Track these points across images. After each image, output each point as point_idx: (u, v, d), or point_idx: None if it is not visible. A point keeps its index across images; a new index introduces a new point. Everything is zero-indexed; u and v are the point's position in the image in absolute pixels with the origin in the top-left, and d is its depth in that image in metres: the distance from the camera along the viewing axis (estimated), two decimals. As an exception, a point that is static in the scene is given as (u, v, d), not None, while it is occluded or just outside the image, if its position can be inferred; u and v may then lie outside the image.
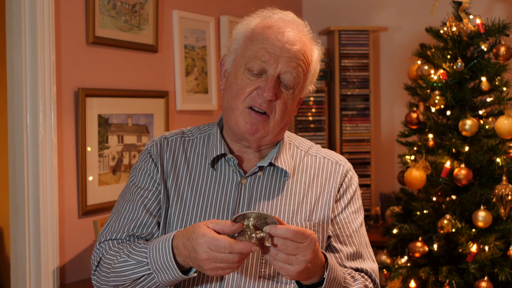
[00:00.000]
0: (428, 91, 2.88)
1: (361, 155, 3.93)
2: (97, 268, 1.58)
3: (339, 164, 1.68)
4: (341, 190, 1.66)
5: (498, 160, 2.75)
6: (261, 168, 1.62)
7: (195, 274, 1.48)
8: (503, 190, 2.65)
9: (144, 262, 1.49)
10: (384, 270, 3.05)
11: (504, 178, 2.68)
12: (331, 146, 3.97)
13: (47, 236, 2.39)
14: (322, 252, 1.49)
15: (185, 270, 1.47)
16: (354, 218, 1.67)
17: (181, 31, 3.08)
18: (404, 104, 3.21)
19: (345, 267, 1.63)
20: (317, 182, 1.65)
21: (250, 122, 1.54)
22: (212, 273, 1.40)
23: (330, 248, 1.65)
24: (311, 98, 3.90)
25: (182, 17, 3.09)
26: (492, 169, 2.78)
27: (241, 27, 1.62)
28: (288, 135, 1.71)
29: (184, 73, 3.10)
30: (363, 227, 1.70)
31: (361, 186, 3.91)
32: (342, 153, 3.90)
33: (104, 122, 2.64)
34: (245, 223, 1.37)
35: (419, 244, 2.80)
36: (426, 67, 2.90)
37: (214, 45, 3.29)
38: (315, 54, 1.62)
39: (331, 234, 1.64)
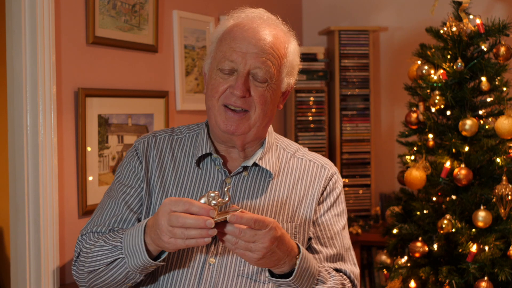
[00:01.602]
0: (428, 91, 2.88)
1: (361, 155, 3.93)
2: (77, 259, 1.62)
3: (324, 167, 1.71)
4: (324, 193, 1.68)
5: (498, 160, 2.75)
6: (245, 168, 1.64)
7: (163, 263, 1.50)
8: (503, 190, 2.65)
9: (118, 247, 1.51)
10: (384, 270, 3.05)
11: (504, 178, 2.68)
12: (331, 146, 3.97)
13: (47, 236, 2.39)
14: (296, 244, 1.52)
15: (155, 257, 1.49)
16: (336, 221, 1.69)
17: (181, 31, 3.08)
18: (404, 104, 3.21)
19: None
20: (301, 184, 1.67)
21: (228, 121, 1.57)
22: (166, 241, 1.40)
23: (310, 249, 1.67)
24: (311, 98, 3.90)
25: (182, 17, 3.09)
26: (492, 169, 2.78)
27: (215, 31, 1.66)
28: (276, 137, 1.73)
29: (184, 73, 3.10)
30: (346, 231, 1.72)
31: (361, 186, 3.92)
32: (342, 153, 3.90)
33: (104, 122, 2.64)
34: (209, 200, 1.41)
35: (419, 244, 2.80)
36: (426, 67, 2.90)
37: (214, 45, 3.29)
38: (291, 47, 1.64)
39: (312, 236, 1.66)
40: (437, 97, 2.83)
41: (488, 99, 2.86)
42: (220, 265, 1.57)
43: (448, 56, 2.87)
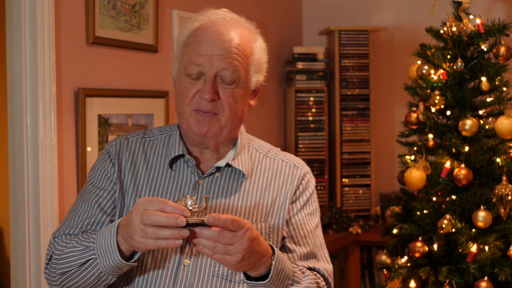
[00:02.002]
0: (428, 91, 2.88)
1: (361, 155, 3.93)
2: (49, 262, 1.61)
3: (297, 167, 1.71)
4: (297, 192, 1.68)
5: (498, 160, 2.75)
6: (218, 169, 1.64)
7: (135, 264, 1.49)
8: (503, 190, 2.65)
9: (91, 247, 1.51)
10: (384, 270, 3.05)
11: (504, 178, 2.68)
12: (331, 146, 3.97)
13: (47, 236, 2.39)
14: (270, 245, 1.52)
15: (127, 258, 1.48)
16: (309, 220, 1.70)
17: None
18: (404, 104, 3.20)
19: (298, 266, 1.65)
20: (274, 184, 1.67)
21: (199, 124, 1.57)
22: (137, 241, 1.39)
23: (284, 249, 1.67)
24: (311, 98, 3.90)
25: (182, 17, 3.09)
26: (492, 169, 2.78)
27: (179, 36, 1.65)
28: (248, 138, 1.74)
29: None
30: (319, 229, 1.73)
31: (361, 186, 3.92)
32: (342, 153, 3.90)
33: (104, 122, 2.64)
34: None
35: (419, 244, 2.80)
36: (426, 67, 2.90)
37: (214, 45, 3.29)
38: (257, 45, 1.63)
39: (285, 235, 1.67)
40: (437, 97, 2.83)
41: (488, 99, 2.86)
42: (195, 266, 1.57)
43: (448, 56, 2.87)
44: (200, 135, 1.58)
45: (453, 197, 2.82)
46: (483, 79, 2.80)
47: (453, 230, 2.72)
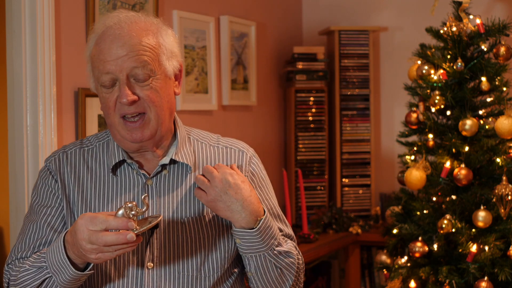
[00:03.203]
0: (428, 91, 2.88)
1: (361, 155, 3.93)
2: None
3: (242, 151, 1.73)
4: (248, 177, 1.69)
5: (498, 160, 2.75)
6: (164, 167, 1.64)
7: (91, 271, 1.49)
8: (503, 190, 2.65)
9: (43, 267, 1.50)
10: (384, 270, 3.05)
11: (504, 178, 2.68)
12: (331, 146, 3.97)
13: (47, 236, 2.39)
14: (264, 210, 1.59)
15: (83, 268, 1.48)
16: (268, 197, 1.73)
17: (181, 31, 3.08)
18: (404, 104, 3.20)
19: None
20: None
21: (131, 131, 1.56)
22: (94, 258, 1.41)
23: None
24: (311, 98, 3.90)
25: (182, 17, 3.09)
26: (492, 169, 2.78)
27: (86, 50, 1.64)
28: (187, 130, 1.73)
29: (184, 73, 3.10)
30: (275, 200, 1.76)
31: (361, 186, 3.92)
32: (342, 153, 3.90)
33: (104, 122, 2.64)
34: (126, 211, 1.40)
35: (419, 244, 2.80)
36: (426, 67, 2.90)
37: (214, 45, 3.29)
38: (161, 33, 1.61)
39: None
40: (437, 97, 2.83)
41: (488, 99, 2.86)
42: (159, 268, 1.57)
43: (448, 56, 2.87)
44: (136, 141, 1.57)
45: (453, 197, 2.82)
46: (483, 79, 2.80)
47: (453, 230, 2.72)
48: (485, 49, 2.84)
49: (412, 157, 2.93)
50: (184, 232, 1.60)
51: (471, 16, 2.87)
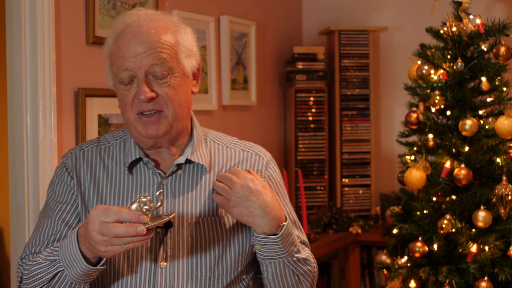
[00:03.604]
0: (428, 91, 2.88)
1: (361, 155, 3.93)
2: (20, 284, 1.60)
3: (259, 155, 1.73)
4: (265, 181, 1.68)
5: (498, 160, 2.75)
6: (180, 166, 1.64)
7: (103, 267, 1.49)
8: (503, 190, 2.65)
9: (56, 260, 1.50)
10: (384, 270, 3.05)
11: (504, 178, 2.68)
12: (331, 146, 3.97)
13: (47, 236, 2.39)
14: (285, 216, 1.59)
15: (95, 263, 1.48)
16: (285, 204, 1.72)
17: (181, 31, 3.08)
18: (404, 104, 3.20)
19: None
20: None
21: (147, 126, 1.57)
22: (103, 251, 1.40)
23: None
24: (311, 98, 3.90)
25: (182, 17, 3.08)
26: (492, 169, 2.78)
27: (104, 49, 1.65)
28: (203, 131, 1.73)
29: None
30: (292, 207, 1.76)
31: (361, 186, 3.92)
32: (342, 153, 3.90)
33: (104, 122, 2.64)
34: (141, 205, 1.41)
35: (419, 244, 2.80)
36: (426, 67, 2.90)
37: (214, 45, 3.29)
38: (180, 32, 1.62)
39: None
40: (437, 97, 2.83)
41: (488, 99, 2.86)
42: (172, 267, 1.57)
43: (448, 56, 2.87)
44: (151, 137, 1.57)
45: (453, 197, 2.82)
46: (483, 79, 2.80)
47: (453, 230, 2.72)
48: (485, 49, 2.84)
49: (412, 157, 2.93)
50: (198, 233, 1.60)
51: (471, 16, 2.87)
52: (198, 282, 1.58)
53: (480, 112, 2.86)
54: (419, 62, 2.98)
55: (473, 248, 2.66)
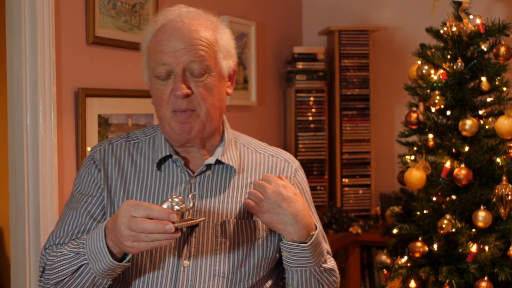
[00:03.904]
0: (428, 91, 2.88)
1: (361, 155, 3.93)
2: (43, 274, 1.59)
3: (288, 162, 1.72)
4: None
5: (498, 160, 2.75)
6: (209, 167, 1.63)
7: (128, 264, 1.48)
8: (503, 190, 2.65)
9: (81, 253, 1.49)
10: (384, 270, 3.05)
11: (504, 178, 2.68)
12: (331, 146, 3.97)
13: (47, 236, 2.39)
14: (315, 224, 1.58)
15: (120, 259, 1.48)
16: (313, 212, 1.71)
17: (181, 31, 3.08)
18: (404, 104, 3.21)
19: None
20: None
21: (181, 124, 1.56)
22: (129, 246, 1.40)
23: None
24: (311, 98, 3.90)
25: (182, 17, 3.09)
26: (492, 169, 2.78)
27: (142, 42, 1.65)
28: (234, 134, 1.73)
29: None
30: (317, 216, 1.75)
31: (361, 186, 3.92)
32: (342, 153, 3.90)
33: (104, 122, 2.64)
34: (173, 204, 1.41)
35: (419, 244, 2.80)
36: (426, 67, 2.90)
37: (214, 45, 3.29)
38: (220, 32, 1.62)
39: None
40: (437, 97, 2.83)
41: (488, 99, 2.86)
42: (195, 266, 1.56)
43: (448, 56, 2.87)
44: (185, 134, 1.57)
45: (453, 197, 2.82)
46: (483, 79, 2.80)
47: (453, 230, 2.72)
48: (485, 49, 2.84)
49: (412, 157, 2.93)
50: (223, 234, 1.59)
51: (471, 16, 2.87)
52: (220, 283, 1.57)
53: (480, 112, 2.86)
54: (419, 62, 2.98)
55: (473, 248, 2.66)
